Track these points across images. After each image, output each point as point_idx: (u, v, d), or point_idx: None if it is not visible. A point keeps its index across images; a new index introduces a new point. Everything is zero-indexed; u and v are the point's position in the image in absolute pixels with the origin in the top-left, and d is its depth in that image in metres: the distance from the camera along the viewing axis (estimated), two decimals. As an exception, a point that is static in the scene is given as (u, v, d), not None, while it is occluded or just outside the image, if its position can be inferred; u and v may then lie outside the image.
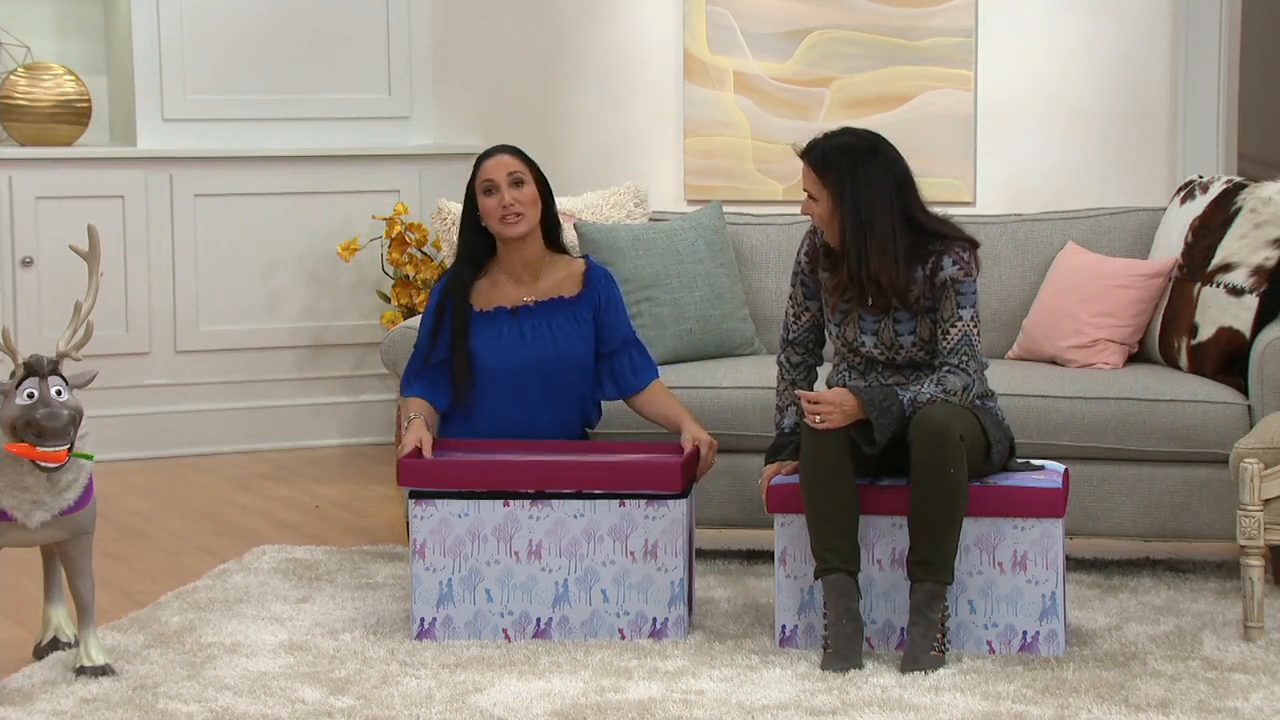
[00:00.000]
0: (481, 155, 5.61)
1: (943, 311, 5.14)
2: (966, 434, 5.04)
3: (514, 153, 5.57)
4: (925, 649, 4.99)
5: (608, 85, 8.06)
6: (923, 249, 5.14)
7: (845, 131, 5.22)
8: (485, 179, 5.52)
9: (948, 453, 4.99)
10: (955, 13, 7.54)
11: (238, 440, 8.04)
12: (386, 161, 8.17)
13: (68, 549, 4.97)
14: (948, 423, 5.00)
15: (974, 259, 5.16)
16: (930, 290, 5.13)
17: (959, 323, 5.13)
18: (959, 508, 5.02)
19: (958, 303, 5.13)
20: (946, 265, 5.12)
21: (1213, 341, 5.90)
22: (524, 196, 5.50)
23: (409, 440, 5.36)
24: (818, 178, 5.14)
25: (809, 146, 5.19)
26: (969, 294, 5.14)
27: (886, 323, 5.18)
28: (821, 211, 5.15)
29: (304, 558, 6.17)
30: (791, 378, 5.39)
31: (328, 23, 8.16)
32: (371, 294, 8.14)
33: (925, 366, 5.19)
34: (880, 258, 5.10)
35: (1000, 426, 5.21)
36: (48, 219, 7.70)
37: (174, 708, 4.74)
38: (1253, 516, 5.15)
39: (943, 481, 5.00)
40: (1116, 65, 7.46)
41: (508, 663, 5.08)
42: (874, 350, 5.20)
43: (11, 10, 7.98)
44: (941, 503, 5.01)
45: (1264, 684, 4.84)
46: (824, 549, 5.05)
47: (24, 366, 4.81)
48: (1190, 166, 7.29)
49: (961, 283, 5.13)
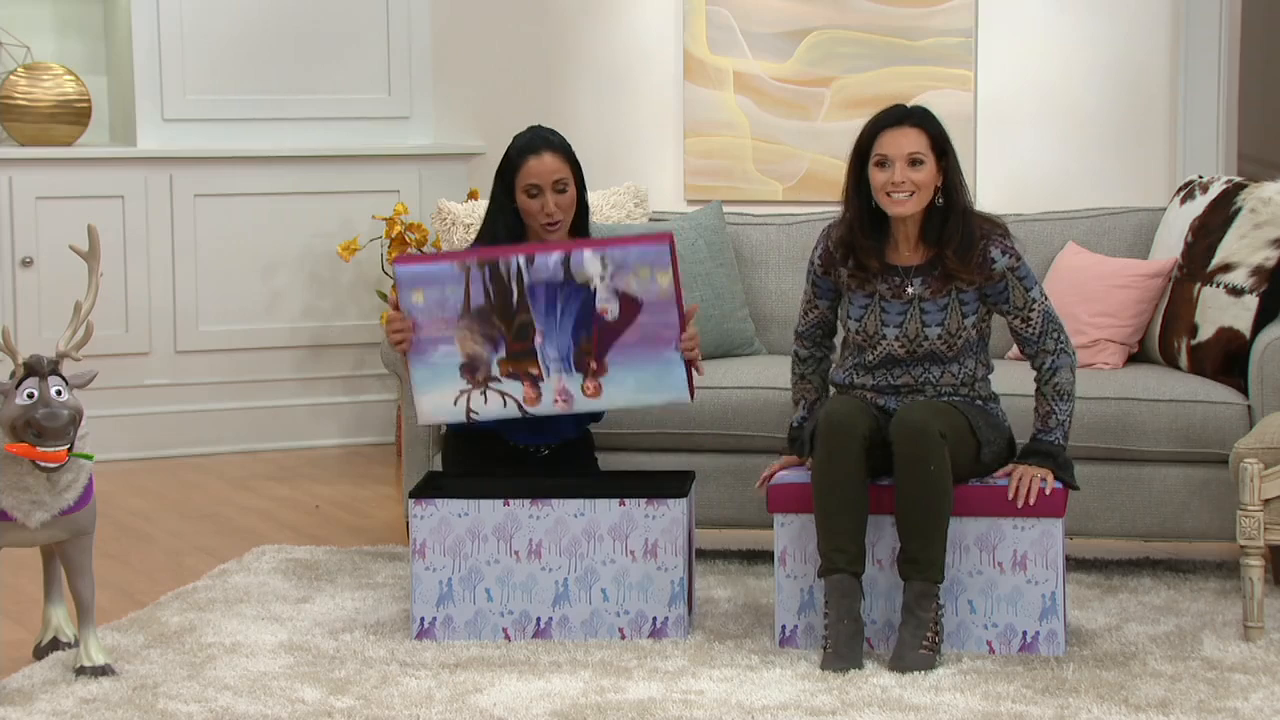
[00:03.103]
0: (524, 146, 5.46)
1: (1014, 302, 5.16)
2: (949, 431, 5.04)
3: (556, 150, 5.46)
4: (914, 647, 4.99)
5: (608, 85, 8.06)
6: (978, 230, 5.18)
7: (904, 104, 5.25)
8: (530, 182, 5.42)
9: (927, 450, 5.00)
10: (955, 13, 7.54)
11: (238, 440, 8.04)
12: (386, 161, 8.17)
13: (68, 549, 4.97)
14: (926, 420, 5.02)
15: (1012, 240, 5.20)
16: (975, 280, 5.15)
17: (1035, 305, 5.17)
18: (942, 504, 5.02)
19: (1025, 287, 5.16)
20: (998, 258, 5.14)
21: (1213, 341, 5.90)
22: (565, 202, 5.44)
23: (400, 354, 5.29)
24: (928, 137, 5.15)
25: (900, 113, 5.19)
26: (1029, 275, 5.18)
27: (913, 314, 5.18)
28: (926, 176, 5.13)
29: (304, 558, 6.17)
30: (801, 371, 5.41)
31: (328, 23, 8.16)
32: (371, 294, 8.14)
33: (940, 361, 5.19)
34: (972, 219, 5.16)
35: (997, 428, 5.22)
36: (48, 219, 7.70)
37: (174, 708, 4.74)
38: (1253, 516, 5.15)
39: (923, 479, 5.00)
40: (1116, 65, 7.46)
41: (508, 663, 5.08)
42: (894, 343, 5.20)
43: (11, 10, 7.98)
44: (923, 500, 5.01)
45: (1264, 684, 4.84)
46: (831, 549, 5.05)
47: (24, 366, 4.81)
48: (1190, 166, 7.30)
49: (1018, 268, 5.16)
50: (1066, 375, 5.17)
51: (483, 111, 8.24)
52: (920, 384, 5.21)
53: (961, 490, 5.12)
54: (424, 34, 8.26)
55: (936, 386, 5.20)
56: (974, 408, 5.19)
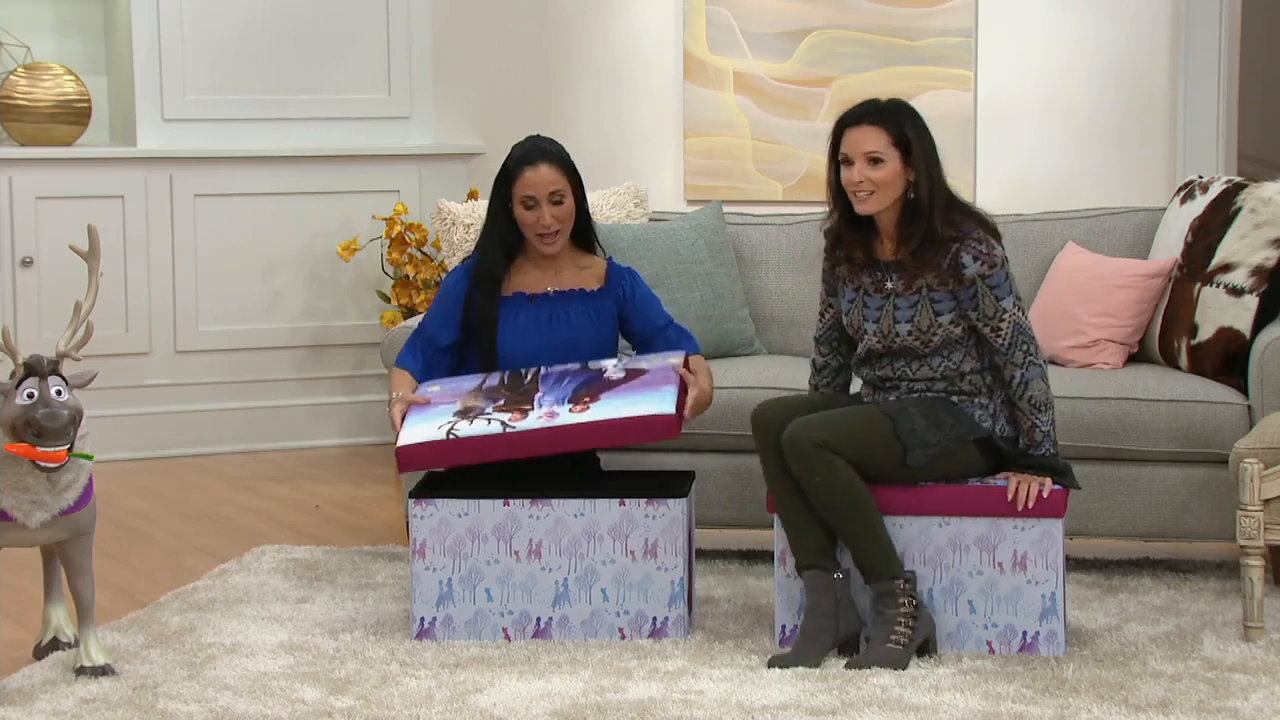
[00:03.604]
0: (520, 157, 5.46)
1: (984, 310, 5.08)
2: (835, 436, 5.00)
3: (553, 161, 5.45)
4: (880, 641, 5.01)
5: (608, 85, 8.06)
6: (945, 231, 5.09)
7: (878, 99, 5.20)
8: (527, 194, 5.42)
9: (804, 463, 5.00)
10: (955, 13, 7.54)
11: (238, 440, 8.04)
12: (386, 161, 8.17)
13: (68, 549, 4.97)
14: (800, 434, 5.01)
15: (991, 245, 5.08)
16: (941, 284, 5.09)
17: (1005, 315, 5.07)
18: (845, 509, 5.01)
19: (995, 296, 5.07)
20: (968, 263, 5.06)
21: (1213, 341, 5.90)
22: (562, 213, 5.44)
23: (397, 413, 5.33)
24: (888, 134, 5.10)
25: (860, 112, 5.15)
26: (1002, 284, 5.07)
27: (888, 310, 5.16)
28: (887, 174, 5.08)
29: (304, 558, 6.17)
30: (815, 382, 5.37)
31: (328, 23, 8.16)
32: (371, 294, 8.14)
33: (917, 356, 5.16)
34: (946, 212, 5.07)
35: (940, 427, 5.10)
36: (48, 219, 7.70)
37: (174, 708, 4.74)
38: (1253, 516, 5.15)
39: (813, 490, 5.03)
40: (1116, 65, 7.46)
41: (508, 663, 5.08)
42: (873, 338, 5.19)
43: (11, 10, 7.98)
44: (827, 509, 5.04)
45: (1264, 684, 4.84)
46: (794, 547, 5.12)
47: (24, 366, 4.81)
48: (1190, 166, 7.30)
49: (989, 276, 5.07)
50: (1039, 386, 5.09)
51: (483, 111, 8.25)
52: (898, 378, 5.19)
53: (962, 490, 5.11)
54: (424, 34, 8.26)
55: (911, 382, 5.18)
56: (938, 403, 5.12)
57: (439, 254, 7.74)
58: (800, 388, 5.78)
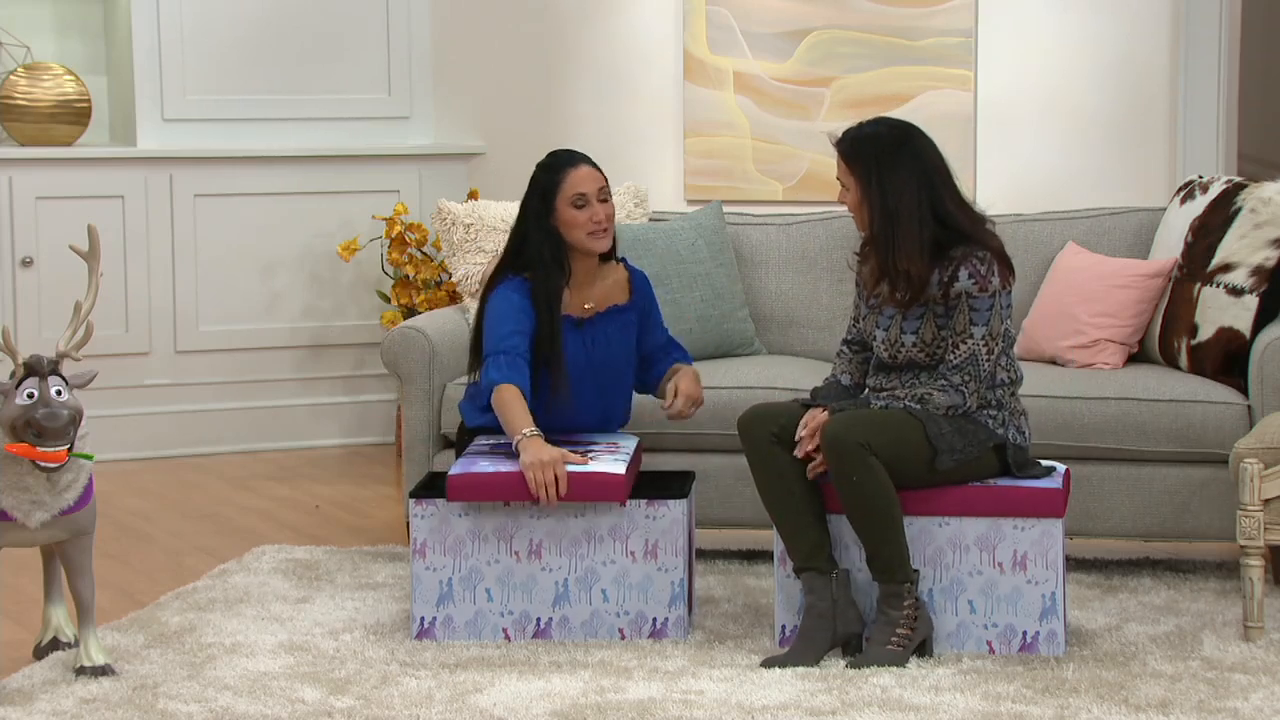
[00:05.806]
0: (560, 162, 5.44)
1: (955, 325, 5.09)
2: (875, 439, 5.00)
3: (590, 163, 5.45)
4: (880, 643, 5.01)
5: (608, 85, 8.06)
6: (945, 250, 5.09)
7: (878, 121, 5.20)
8: (578, 192, 5.38)
9: (846, 462, 5.00)
10: (955, 13, 7.54)
11: (238, 440, 8.04)
12: (386, 161, 8.17)
13: (68, 549, 4.97)
14: (842, 434, 5.00)
15: (994, 272, 5.07)
16: (944, 298, 5.10)
17: (969, 340, 5.08)
18: (876, 511, 5.01)
19: (970, 319, 5.07)
20: (962, 278, 5.07)
21: (1213, 341, 5.90)
22: (610, 210, 5.44)
23: (554, 455, 5.20)
24: (846, 166, 5.15)
25: (841, 136, 5.20)
26: (983, 310, 5.07)
27: (897, 320, 5.17)
28: (851, 201, 5.16)
29: (304, 558, 6.17)
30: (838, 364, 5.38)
31: (328, 23, 8.15)
32: (371, 294, 8.14)
33: (924, 369, 5.18)
34: (907, 248, 5.07)
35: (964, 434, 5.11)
36: (48, 219, 7.70)
37: (174, 708, 4.74)
38: (1253, 516, 5.15)
39: (848, 490, 5.02)
40: (1116, 65, 7.46)
41: (508, 663, 5.08)
42: (880, 347, 5.20)
43: (11, 10, 7.98)
44: (857, 509, 5.03)
45: (1264, 684, 4.84)
46: (789, 549, 5.13)
47: (24, 366, 4.81)
48: (1190, 166, 7.30)
49: (976, 298, 5.07)
50: (942, 400, 5.06)
51: (483, 111, 8.24)
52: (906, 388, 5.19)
53: (962, 490, 5.12)
54: (424, 34, 8.26)
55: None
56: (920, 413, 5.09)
57: (439, 254, 7.74)
58: (800, 388, 5.79)
